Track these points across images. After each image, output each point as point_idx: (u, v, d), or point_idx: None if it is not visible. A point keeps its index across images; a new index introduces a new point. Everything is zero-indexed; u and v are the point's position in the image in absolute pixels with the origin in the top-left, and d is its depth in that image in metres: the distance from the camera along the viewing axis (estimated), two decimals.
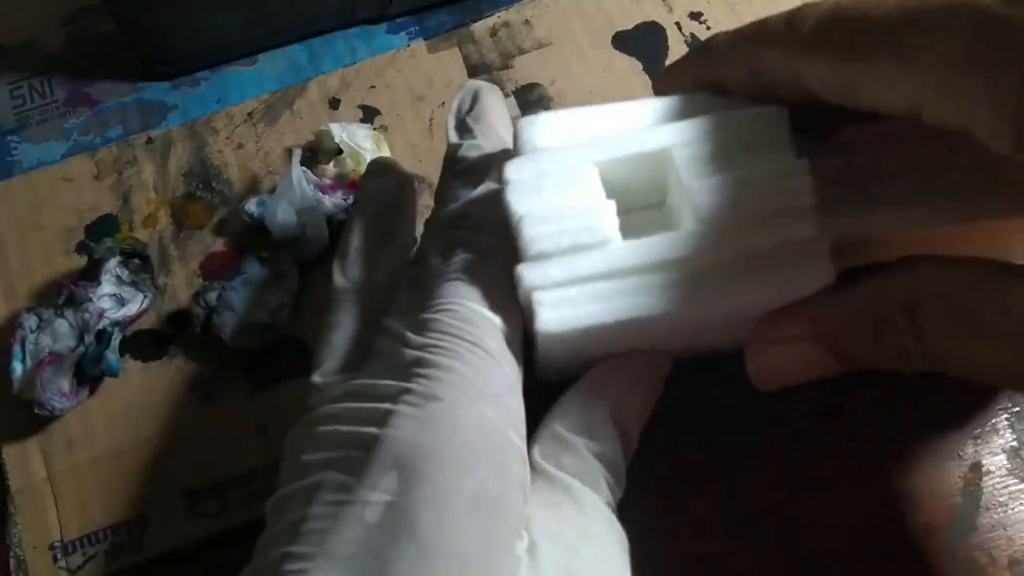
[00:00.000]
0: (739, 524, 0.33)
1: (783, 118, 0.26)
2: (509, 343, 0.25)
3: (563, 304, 0.24)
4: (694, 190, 0.25)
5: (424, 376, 0.23)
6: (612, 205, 0.25)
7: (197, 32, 0.41)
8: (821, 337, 0.25)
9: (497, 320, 0.25)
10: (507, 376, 0.24)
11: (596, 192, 0.25)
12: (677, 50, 0.42)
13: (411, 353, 0.24)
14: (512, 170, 0.26)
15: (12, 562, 0.34)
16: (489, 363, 0.24)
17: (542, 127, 0.27)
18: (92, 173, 0.41)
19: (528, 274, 0.25)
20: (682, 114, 0.26)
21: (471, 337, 0.24)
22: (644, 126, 0.26)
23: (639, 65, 0.42)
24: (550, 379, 0.28)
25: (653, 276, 0.24)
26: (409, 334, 0.25)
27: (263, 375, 0.36)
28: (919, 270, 0.24)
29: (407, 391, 0.23)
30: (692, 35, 0.42)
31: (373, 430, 0.23)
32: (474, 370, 0.24)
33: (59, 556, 0.34)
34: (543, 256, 0.24)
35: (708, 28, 0.42)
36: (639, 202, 0.27)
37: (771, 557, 0.32)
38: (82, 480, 0.35)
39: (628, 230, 0.25)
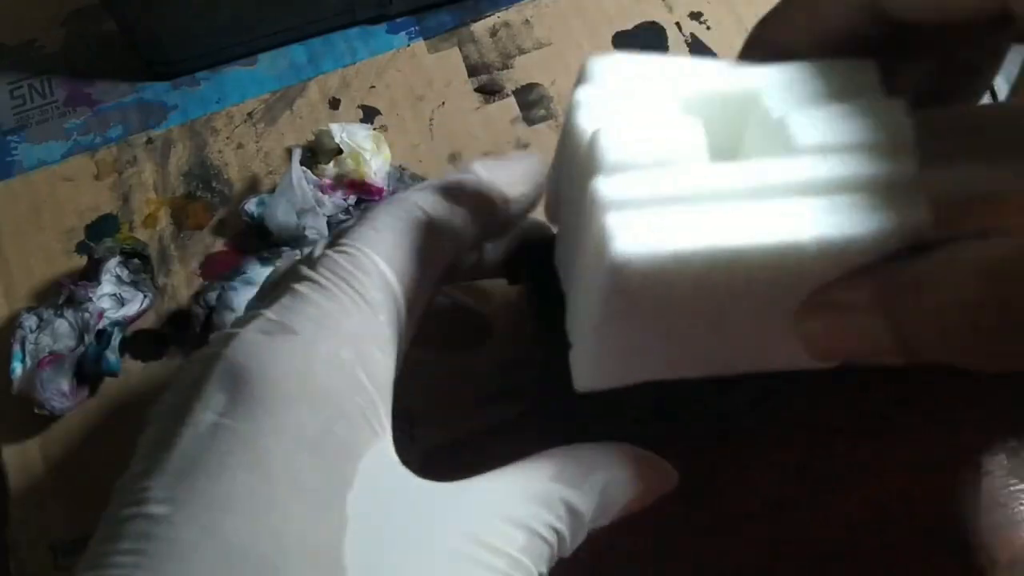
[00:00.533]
0: (741, 524, 0.33)
1: (873, 68, 0.23)
2: (396, 308, 0.24)
3: (640, 227, 0.20)
4: (788, 120, 0.22)
5: (285, 307, 0.23)
6: (699, 122, 0.22)
7: (197, 32, 0.41)
8: (885, 310, 0.21)
9: (393, 279, 0.24)
10: (380, 326, 0.24)
11: (678, 112, 0.23)
12: (677, 50, 0.42)
13: (290, 286, 0.24)
14: (582, 93, 0.23)
15: (12, 562, 0.34)
16: (362, 310, 0.23)
17: (612, 65, 0.24)
18: (92, 173, 0.41)
19: (604, 187, 0.20)
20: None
21: (355, 283, 0.24)
22: (738, 80, 0.23)
23: None
24: (598, 381, 0.25)
25: (743, 203, 0.21)
26: (303, 268, 0.24)
27: None
28: (1003, 237, 0.20)
29: (259, 316, 0.23)
30: (692, 35, 0.42)
31: (217, 351, 0.22)
32: (342, 310, 0.23)
33: (59, 556, 0.34)
34: (621, 168, 0.21)
35: (708, 28, 0.42)
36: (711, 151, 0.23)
37: (773, 556, 0.32)
38: (82, 480, 0.35)
39: None
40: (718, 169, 0.21)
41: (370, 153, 0.38)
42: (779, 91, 0.23)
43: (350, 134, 0.38)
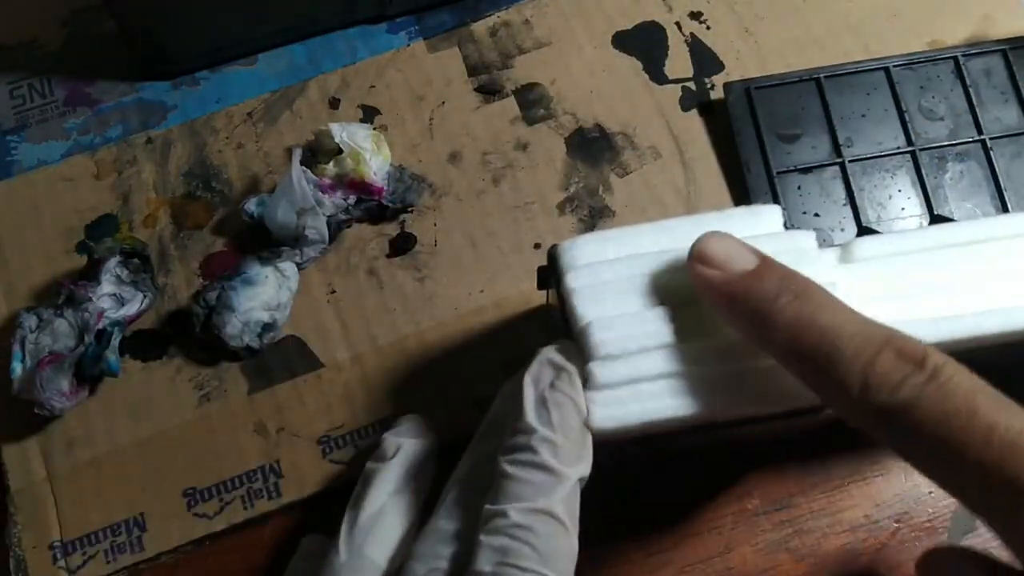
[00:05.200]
0: (741, 524, 0.33)
1: (811, 240, 0.29)
2: None
3: (613, 404, 0.27)
4: None
5: None
6: (667, 312, 0.28)
7: (197, 32, 0.41)
8: None
9: None
10: None
11: (652, 300, 0.28)
12: (677, 50, 0.42)
13: None
14: (572, 279, 0.28)
15: (12, 562, 0.34)
16: None
17: (582, 248, 0.29)
18: (92, 173, 0.41)
19: (600, 372, 0.27)
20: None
21: None
22: (682, 244, 0.29)
23: (639, 65, 0.42)
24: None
25: (700, 376, 0.27)
26: None
27: (263, 375, 0.36)
28: None
29: None
30: (692, 35, 0.42)
31: None
32: None
33: (59, 556, 0.34)
34: (611, 358, 0.27)
35: (708, 28, 0.42)
36: (677, 300, 0.29)
37: (773, 557, 0.32)
38: (82, 480, 0.35)
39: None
40: (680, 350, 0.27)
41: (370, 153, 0.38)
42: None
43: (350, 134, 0.38)
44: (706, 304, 0.29)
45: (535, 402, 0.26)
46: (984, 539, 0.32)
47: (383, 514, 0.29)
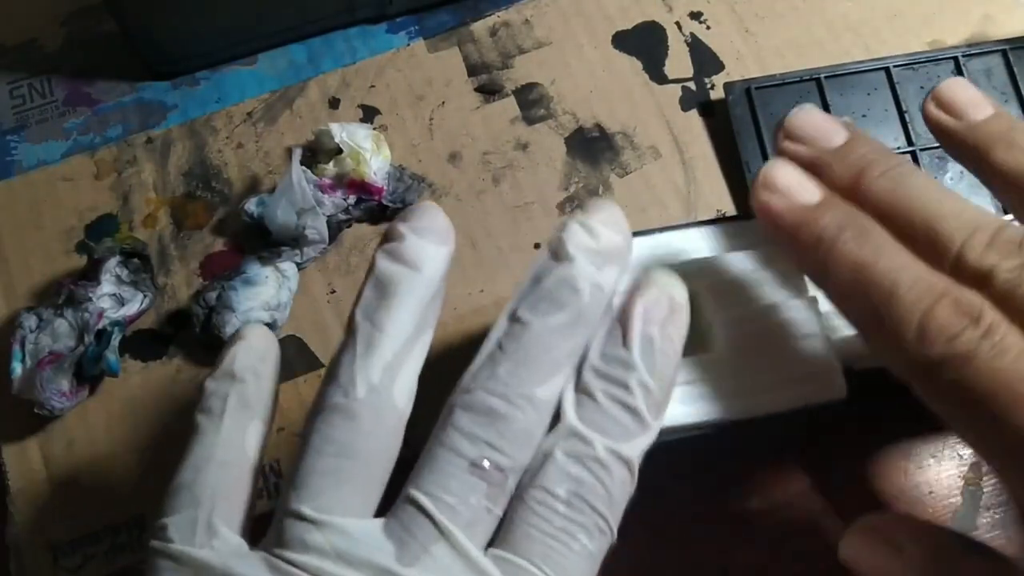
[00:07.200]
0: (741, 524, 0.33)
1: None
2: None
3: None
4: (720, 324, 0.28)
5: None
6: None
7: (197, 32, 0.41)
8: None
9: None
10: None
11: None
12: (677, 50, 0.42)
13: None
14: None
15: (12, 562, 0.34)
16: None
17: None
18: (92, 173, 0.41)
19: None
20: (710, 245, 0.30)
21: None
22: (682, 254, 0.30)
23: (639, 64, 0.42)
24: None
25: (692, 388, 0.27)
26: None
27: None
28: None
29: None
30: (692, 35, 0.42)
31: None
32: None
33: (59, 556, 0.34)
34: None
35: (708, 28, 0.42)
36: None
37: (773, 557, 0.32)
38: (82, 480, 0.35)
39: None
40: (687, 361, 0.27)
41: (370, 153, 0.38)
42: (716, 283, 0.29)
43: (350, 134, 0.38)
44: (707, 312, 0.29)
45: (642, 337, 0.24)
46: (982, 539, 0.32)
47: (408, 347, 0.24)
